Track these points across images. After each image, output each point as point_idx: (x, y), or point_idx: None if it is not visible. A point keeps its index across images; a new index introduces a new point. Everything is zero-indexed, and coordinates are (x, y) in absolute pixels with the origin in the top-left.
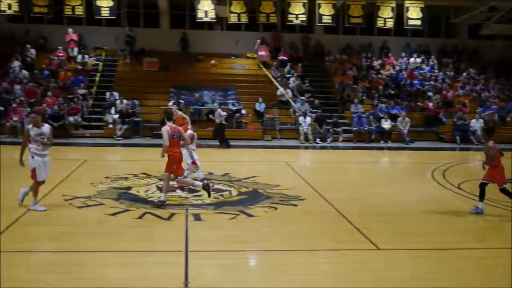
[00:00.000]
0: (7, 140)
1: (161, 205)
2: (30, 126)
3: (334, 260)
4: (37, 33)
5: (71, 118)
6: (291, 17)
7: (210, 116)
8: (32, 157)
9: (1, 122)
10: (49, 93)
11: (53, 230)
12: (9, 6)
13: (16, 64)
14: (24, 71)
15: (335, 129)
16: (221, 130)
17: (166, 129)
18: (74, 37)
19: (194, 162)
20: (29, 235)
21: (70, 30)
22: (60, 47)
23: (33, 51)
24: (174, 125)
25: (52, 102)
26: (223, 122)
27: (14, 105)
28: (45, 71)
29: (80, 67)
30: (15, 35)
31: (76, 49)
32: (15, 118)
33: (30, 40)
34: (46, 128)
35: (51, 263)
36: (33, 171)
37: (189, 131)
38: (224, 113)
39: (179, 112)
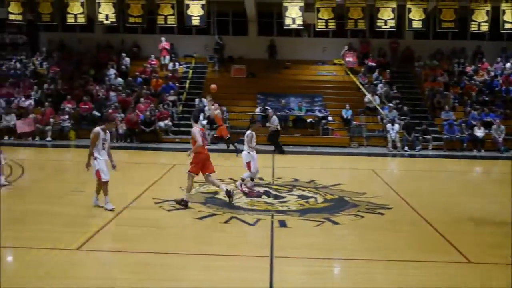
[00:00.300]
0: None
1: (181, 202)
2: (101, 131)
3: (423, 272)
4: (132, 42)
5: (161, 124)
6: (379, 23)
7: (267, 124)
8: (95, 159)
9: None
10: (142, 99)
11: (142, 232)
12: (107, 17)
13: (112, 72)
14: (119, 79)
15: (425, 136)
16: (276, 136)
17: (196, 130)
18: (166, 45)
19: (248, 165)
20: (120, 235)
21: (163, 38)
22: (153, 55)
23: (127, 59)
24: (201, 127)
25: (144, 108)
26: (278, 128)
27: (109, 110)
28: (139, 78)
29: (170, 74)
30: (111, 45)
31: (167, 57)
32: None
33: (125, 49)
34: (108, 134)
35: (138, 263)
36: (98, 172)
37: (248, 131)
38: (277, 120)
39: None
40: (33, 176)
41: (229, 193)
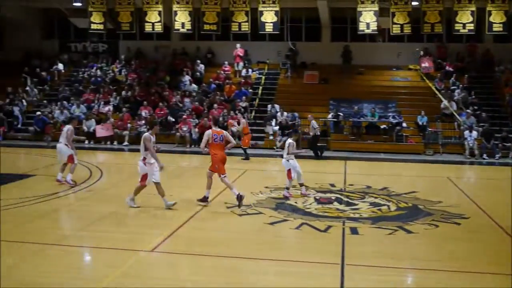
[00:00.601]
0: (176, 149)
1: (203, 200)
2: (152, 136)
3: (499, 284)
4: (207, 49)
5: (233, 129)
6: (458, 26)
7: (307, 129)
8: (144, 164)
9: (172, 132)
10: (215, 105)
11: (214, 236)
12: (183, 25)
13: (187, 78)
14: (194, 85)
15: (505, 144)
16: (315, 142)
17: (207, 133)
18: (240, 52)
19: (289, 172)
20: (193, 239)
21: (238, 45)
22: (226, 62)
23: (202, 66)
24: (218, 130)
25: (217, 114)
26: (317, 133)
27: (184, 116)
28: (212, 84)
29: (243, 80)
30: (187, 52)
31: (241, 64)
32: (184, 128)
33: (200, 55)
34: (154, 137)
35: (209, 266)
36: (144, 176)
37: (289, 140)
38: (317, 126)
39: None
40: (111, 179)
41: (240, 197)
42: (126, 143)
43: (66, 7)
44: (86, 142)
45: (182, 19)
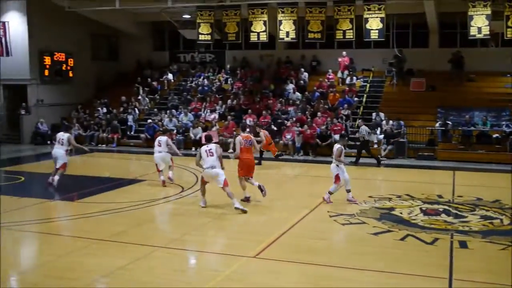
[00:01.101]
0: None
1: (246, 200)
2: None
3: None
4: (311, 57)
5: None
6: None
7: (357, 134)
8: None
9: (276, 140)
10: (319, 113)
11: (316, 244)
12: (287, 34)
13: (291, 86)
14: (297, 93)
15: None
16: (363, 147)
17: (238, 139)
18: (346, 60)
19: (337, 177)
20: (295, 246)
21: (344, 53)
22: (330, 70)
23: (306, 74)
24: (246, 135)
25: (321, 122)
26: (366, 138)
27: (288, 124)
28: (316, 92)
29: (348, 88)
30: (291, 60)
31: (346, 72)
32: (288, 136)
33: (304, 64)
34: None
35: (311, 274)
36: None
37: (337, 145)
38: (368, 130)
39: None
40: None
41: (261, 187)
42: (230, 150)
43: (176, 20)
44: (193, 149)
45: (286, 28)
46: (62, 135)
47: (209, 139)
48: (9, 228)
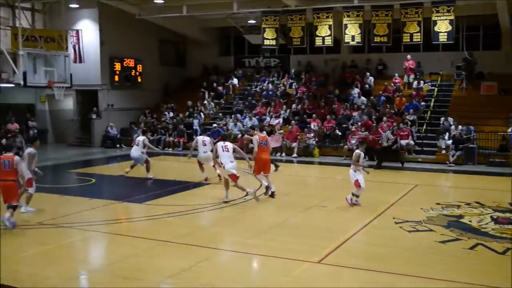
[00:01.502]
0: (344, 162)
1: (269, 193)
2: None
3: None
4: (377, 61)
5: (403, 142)
6: None
7: (380, 141)
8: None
9: (340, 144)
10: (384, 118)
11: (381, 251)
12: (353, 38)
13: (356, 91)
14: (363, 98)
15: None
16: (385, 153)
17: (255, 138)
18: (412, 64)
19: (356, 182)
20: (359, 252)
21: (408, 56)
22: (397, 74)
23: (371, 78)
24: (263, 135)
25: (387, 127)
26: (389, 144)
27: (352, 129)
28: (382, 97)
29: (414, 92)
30: (356, 64)
31: (412, 76)
32: (352, 141)
33: (370, 68)
34: None
35: (375, 281)
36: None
37: (357, 151)
38: (392, 137)
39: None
40: (280, 189)
41: (267, 189)
42: (295, 154)
43: (241, 25)
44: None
45: (352, 32)
46: (139, 138)
47: (224, 138)
48: (80, 228)
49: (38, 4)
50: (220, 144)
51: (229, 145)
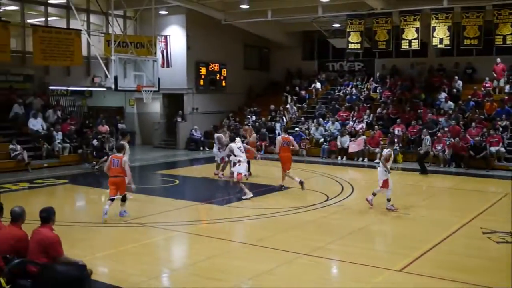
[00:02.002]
0: (429, 168)
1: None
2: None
3: None
4: (466, 65)
5: (492, 149)
6: None
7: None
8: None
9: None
10: (473, 124)
11: (465, 261)
12: (441, 40)
13: (443, 95)
14: (450, 102)
15: None
16: (423, 157)
17: (278, 139)
18: (501, 67)
19: (385, 182)
20: (443, 262)
21: (498, 60)
22: (487, 78)
23: (460, 82)
24: (286, 136)
25: (475, 133)
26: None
27: (438, 134)
28: (471, 102)
29: (507, 97)
30: (444, 68)
31: (502, 79)
32: (438, 147)
33: (458, 72)
34: None
35: None
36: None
37: (387, 150)
38: (428, 141)
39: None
40: (362, 195)
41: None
42: (377, 160)
43: (325, 29)
44: (339, 158)
45: (440, 35)
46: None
47: (233, 139)
48: (164, 228)
49: (130, 11)
50: (235, 145)
51: (242, 146)
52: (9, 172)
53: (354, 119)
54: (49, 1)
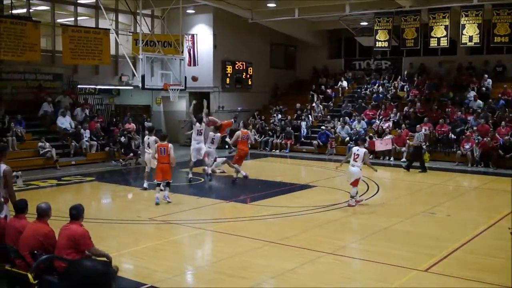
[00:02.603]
0: (457, 168)
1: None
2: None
3: None
4: (495, 63)
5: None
6: None
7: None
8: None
9: (453, 149)
10: (503, 123)
11: (493, 262)
12: (470, 38)
13: (472, 94)
14: (479, 101)
15: None
16: (417, 153)
17: (238, 133)
18: None
19: (356, 181)
20: (470, 263)
21: None
22: None
23: (489, 81)
24: (245, 131)
25: (505, 132)
26: (422, 145)
27: (467, 133)
28: (501, 100)
29: None
30: (473, 66)
31: None
32: (466, 146)
33: (488, 70)
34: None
35: None
36: None
37: (363, 149)
38: (422, 138)
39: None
40: (387, 194)
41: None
42: (403, 159)
43: (352, 27)
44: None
45: (470, 33)
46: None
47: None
48: (189, 226)
49: (158, 10)
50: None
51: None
52: (38, 169)
53: (380, 117)
54: (78, 1)
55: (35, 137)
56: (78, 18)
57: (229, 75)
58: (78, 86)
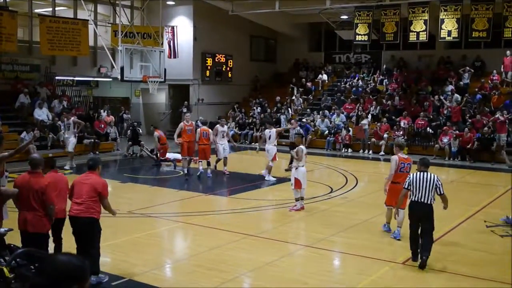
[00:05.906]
0: (434, 161)
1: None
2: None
3: None
4: (474, 57)
5: (503, 136)
6: None
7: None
8: None
9: (431, 143)
10: (478, 116)
11: (469, 255)
12: (449, 33)
13: (449, 88)
14: (456, 95)
15: None
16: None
17: (198, 130)
18: (510, 59)
19: (298, 181)
20: (446, 255)
21: (508, 52)
22: (495, 71)
23: (467, 75)
24: (206, 128)
25: (480, 125)
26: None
27: (445, 127)
28: (478, 95)
29: None
30: (452, 61)
31: (510, 72)
32: (444, 140)
33: (466, 64)
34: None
35: (456, 285)
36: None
37: (301, 146)
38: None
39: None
40: (365, 187)
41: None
42: (382, 152)
43: (333, 20)
44: (343, 149)
45: (448, 27)
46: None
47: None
48: (167, 219)
49: (137, 1)
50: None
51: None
52: (15, 161)
53: (359, 111)
54: None
55: (11, 130)
56: (56, 8)
57: (209, 67)
58: (56, 77)
